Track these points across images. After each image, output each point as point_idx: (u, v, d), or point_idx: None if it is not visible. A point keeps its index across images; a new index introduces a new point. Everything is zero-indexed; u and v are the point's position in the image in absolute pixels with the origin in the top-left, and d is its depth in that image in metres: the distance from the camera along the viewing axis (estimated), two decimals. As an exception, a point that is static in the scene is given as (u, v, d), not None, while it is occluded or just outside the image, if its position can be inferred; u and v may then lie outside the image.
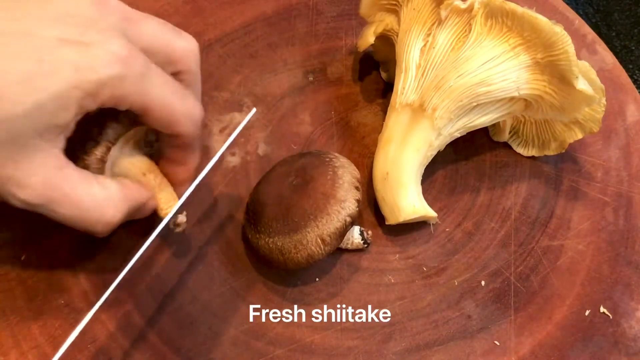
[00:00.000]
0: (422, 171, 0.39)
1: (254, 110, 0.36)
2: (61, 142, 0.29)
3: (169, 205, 0.34)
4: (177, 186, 0.35)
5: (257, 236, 0.36)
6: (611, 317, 0.38)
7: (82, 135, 0.30)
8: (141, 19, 0.31)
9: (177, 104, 0.31)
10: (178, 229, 0.35)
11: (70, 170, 0.30)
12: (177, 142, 0.33)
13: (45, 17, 0.28)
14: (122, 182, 0.33)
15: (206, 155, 0.36)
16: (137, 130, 0.35)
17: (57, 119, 0.28)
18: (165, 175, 0.35)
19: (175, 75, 0.33)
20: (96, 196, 0.30)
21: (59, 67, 0.27)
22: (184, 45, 0.33)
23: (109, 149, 0.33)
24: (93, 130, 0.32)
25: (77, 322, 0.35)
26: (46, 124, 0.27)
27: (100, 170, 0.33)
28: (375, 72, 0.47)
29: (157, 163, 0.35)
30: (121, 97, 0.29)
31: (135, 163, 0.34)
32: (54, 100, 0.27)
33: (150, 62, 0.30)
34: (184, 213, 0.36)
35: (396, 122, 0.39)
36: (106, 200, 0.31)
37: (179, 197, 0.35)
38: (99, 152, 0.32)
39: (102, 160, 0.33)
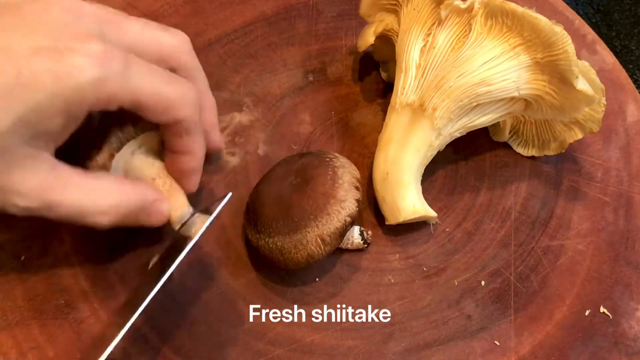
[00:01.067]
0: (422, 171, 0.39)
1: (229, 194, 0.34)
2: (52, 147, 0.29)
3: (181, 210, 0.34)
4: (187, 178, 0.35)
5: (257, 236, 0.36)
6: (611, 317, 0.38)
7: (88, 143, 0.30)
8: (121, 20, 0.30)
9: (167, 89, 0.31)
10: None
11: (63, 168, 0.30)
12: (178, 129, 0.32)
13: (17, 28, 0.27)
14: (120, 177, 0.32)
15: (207, 158, 0.36)
16: (149, 135, 0.35)
17: (43, 128, 0.28)
18: (174, 170, 0.35)
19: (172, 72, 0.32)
20: (90, 187, 0.30)
21: (36, 78, 0.26)
22: (172, 41, 0.32)
23: (112, 156, 0.33)
24: (97, 139, 0.32)
25: (77, 321, 0.36)
26: (32, 134, 0.27)
27: None
28: (375, 72, 0.47)
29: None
30: (108, 97, 0.28)
31: (145, 169, 0.34)
32: (35, 112, 0.27)
33: (130, 56, 0.29)
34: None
35: (396, 122, 0.39)
36: (101, 190, 0.31)
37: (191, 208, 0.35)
38: (100, 159, 0.32)
39: (104, 167, 0.33)
